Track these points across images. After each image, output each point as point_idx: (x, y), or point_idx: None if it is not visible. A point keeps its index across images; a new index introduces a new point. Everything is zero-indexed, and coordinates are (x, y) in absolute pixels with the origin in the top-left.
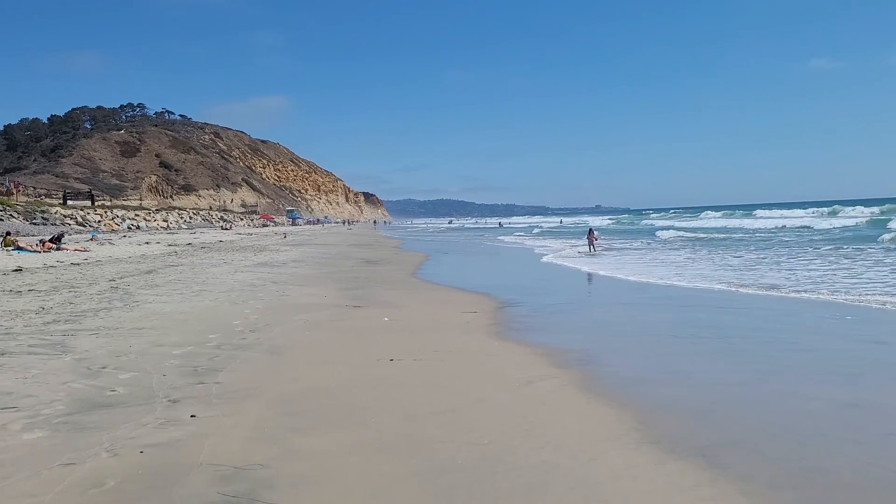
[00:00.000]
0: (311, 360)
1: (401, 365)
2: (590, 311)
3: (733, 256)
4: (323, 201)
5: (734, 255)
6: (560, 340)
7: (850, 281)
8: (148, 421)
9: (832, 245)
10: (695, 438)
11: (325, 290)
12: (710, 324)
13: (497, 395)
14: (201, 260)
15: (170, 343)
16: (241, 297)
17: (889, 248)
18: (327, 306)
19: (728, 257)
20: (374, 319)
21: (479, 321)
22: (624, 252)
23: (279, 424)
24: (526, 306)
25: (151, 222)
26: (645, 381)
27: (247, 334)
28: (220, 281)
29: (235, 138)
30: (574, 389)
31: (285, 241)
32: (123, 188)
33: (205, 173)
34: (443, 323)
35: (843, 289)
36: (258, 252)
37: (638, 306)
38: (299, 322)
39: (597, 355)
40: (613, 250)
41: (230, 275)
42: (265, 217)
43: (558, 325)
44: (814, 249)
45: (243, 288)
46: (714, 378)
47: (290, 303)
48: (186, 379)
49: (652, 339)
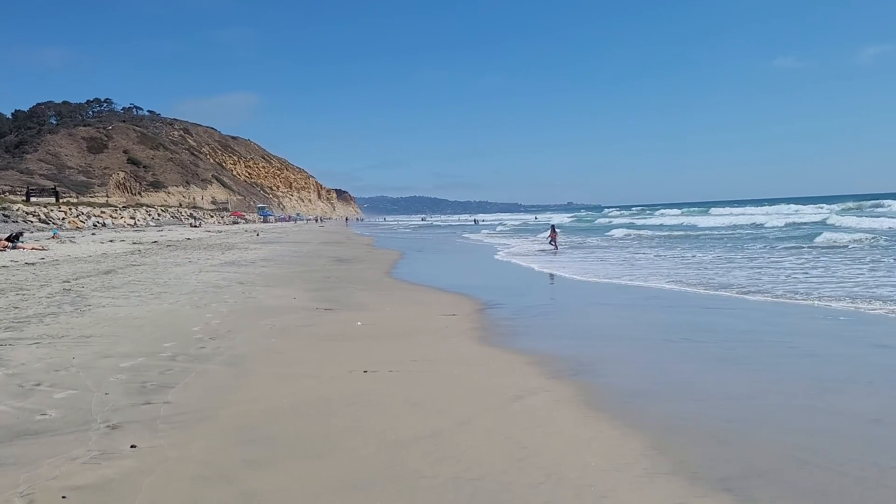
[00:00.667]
0: (275, 373)
1: (376, 378)
2: (574, 312)
3: (680, 255)
4: (295, 198)
5: (681, 254)
6: (547, 346)
7: (807, 282)
8: (78, 454)
9: (768, 244)
10: (715, 467)
11: (295, 292)
12: (699, 326)
13: (485, 414)
14: (165, 259)
15: (119, 354)
16: (203, 299)
17: (822, 249)
18: (296, 309)
19: (677, 256)
20: (346, 324)
21: (459, 325)
22: (585, 250)
23: (235, 457)
24: (507, 308)
25: (118, 220)
26: (646, 395)
27: (206, 342)
28: (183, 282)
29: (205, 134)
30: (570, 406)
31: (255, 239)
32: (90, 185)
33: (174, 170)
34: (420, 327)
35: (804, 290)
36: (226, 250)
37: (621, 308)
38: (265, 328)
39: (589, 364)
40: (577, 248)
41: (194, 275)
42: (236, 214)
43: (543, 328)
44: (748, 247)
45: (207, 289)
46: (721, 390)
47: (256, 305)
48: (131, 398)
49: (644, 343)
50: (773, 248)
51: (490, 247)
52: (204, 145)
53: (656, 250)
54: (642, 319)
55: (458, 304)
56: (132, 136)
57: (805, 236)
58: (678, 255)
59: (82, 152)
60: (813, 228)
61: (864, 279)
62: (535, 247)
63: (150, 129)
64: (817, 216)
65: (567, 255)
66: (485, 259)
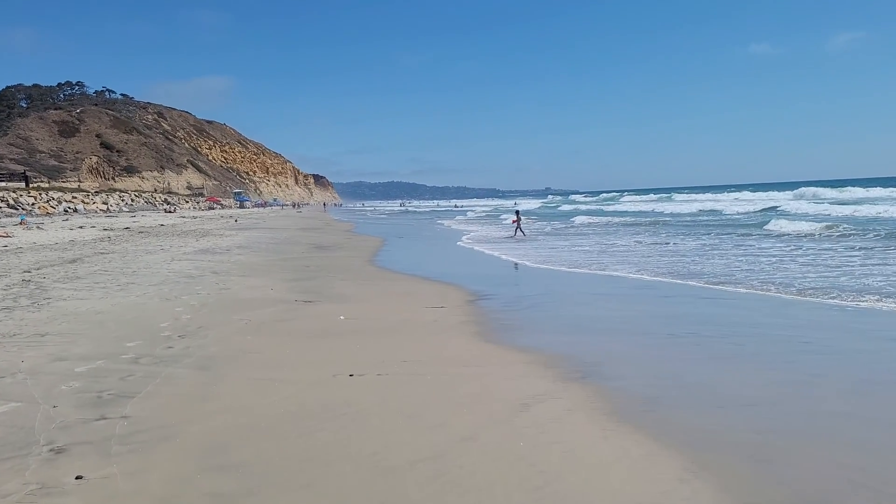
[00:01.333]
0: (250, 378)
1: (363, 383)
2: (565, 304)
3: (645, 242)
4: (272, 183)
5: (646, 240)
6: (547, 342)
7: (785, 270)
8: (12, 489)
9: (722, 230)
10: (764, 495)
11: (272, 282)
12: (700, 319)
13: (491, 428)
14: (136, 246)
15: (75, 356)
16: (174, 291)
17: (777, 236)
18: (273, 302)
19: (641, 244)
20: (327, 318)
21: (449, 318)
22: (556, 237)
23: (201, 489)
24: (496, 299)
25: (90, 205)
26: (664, 402)
27: (174, 341)
28: (153, 271)
29: (180, 118)
30: (585, 416)
31: (231, 225)
32: (62, 169)
33: (148, 154)
34: (408, 321)
35: (783, 280)
36: (200, 237)
37: (610, 298)
38: (239, 323)
39: (596, 363)
40: (550, 235)
41: (166, 264)
42: (211, 200)
43: (538, 322)
44: (705, 234)
45: (178, 279)
46: (743, 394)
47: (230, 298)
48: (84, 412)
49: (649, 339)
50: (727, 235)
51: (465, 233)
52: (179, 129)
53: (620, 238)
54: (637, 311)
55: (445, 294)
56: (105, 120)
57: (757, 224)
58: (642, 243)
59: (54, 136)
60: (764, 216)
61: (850, 268)
62: (508, 234)
63: (123, 112)
64: (783, 202)
65: (537, 243)
66: (464, 247)
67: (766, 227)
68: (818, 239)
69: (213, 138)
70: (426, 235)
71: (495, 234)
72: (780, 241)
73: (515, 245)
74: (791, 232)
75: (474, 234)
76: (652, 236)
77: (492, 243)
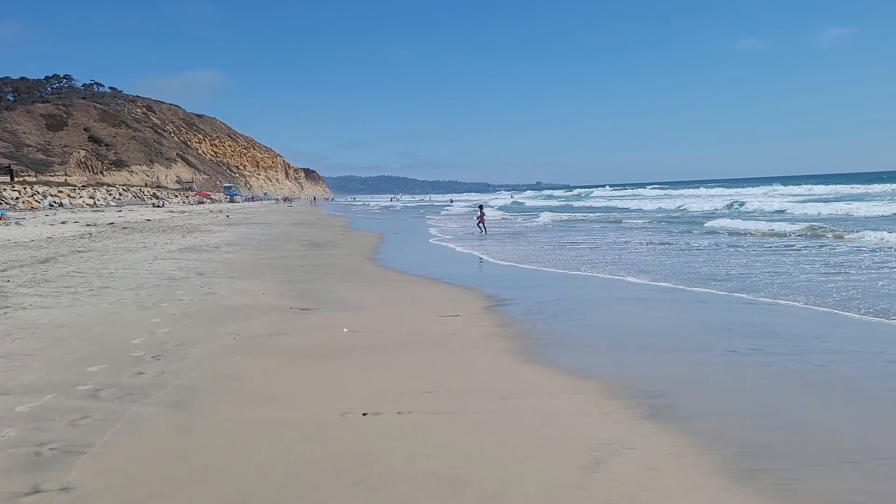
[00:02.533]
0: (237, 420)
1: (380, 425)
2: (592, 311)
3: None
4: (262, 178)
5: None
6: (593, 363)
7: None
8: None
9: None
10: None
11: (264, 284)
12: (748, 332)
13: (564, 500)
14: (117, 244)
15: (21, 387)
16: (153, 296)
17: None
18: (265, 310)
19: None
20: (328, 331)
21: (470, 330)
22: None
23: None
24: (516, 305)
25: (77, 199)
26: (771, 454)
27: (147, 364)
28: (132, 272)
29: (169, 112)
30: (677, 477)
31: (221, 220)
32: (50, 163)
33: (137, 148)
34: (422, 335)
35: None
36: (187, 233)
37: (635, 303)
38: (225, 339)
39: (662, 392)
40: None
41: (147, 264)
42: (201, 194)
43: (574, 334)
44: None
45: (160, 282)
46: (863, 441)
47: (216, 305)
48: (11, 480)
49: (708, 357)
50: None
51: (464, 230)
52: (168, 123)
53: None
54: (672, 320)
55: (457, 299)
56: (93, 114)
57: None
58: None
59: (41, 130)
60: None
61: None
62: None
63: (111, 106)
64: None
65: (516, 242)
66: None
67: (707, 224)
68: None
69: (202, 132)
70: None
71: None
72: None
73: (499, 246)
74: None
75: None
76: (620, 234)
77: (472, 242)
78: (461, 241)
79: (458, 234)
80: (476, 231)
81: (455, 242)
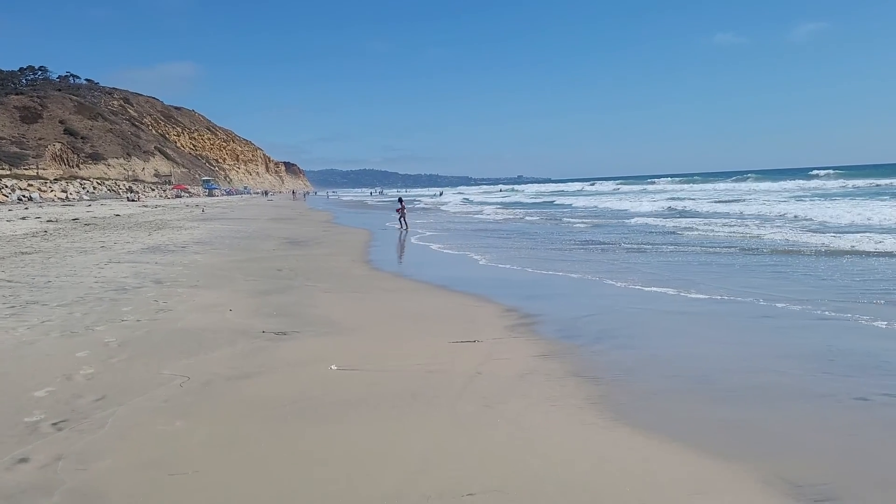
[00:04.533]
0: None
1: None
2: (645, 331)
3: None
4: (242, 171)
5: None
6: (707, 426)
7: None
8: None
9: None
10: None
11: (233, 296)
12: (853, 364)
13: None
14: (72, 243)
15: None
16: (89, 315)
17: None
18: (231, 335)
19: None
20: (311, 368)
21: (501, 365)
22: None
23: None
24: (547, 322)
25: (47, 193)
26: None
27: (39, 441)
28: (76, 281)
29: (147, 104)
30: None
31: (196, 215)
32: (24, 156)
33: (114, 141)
34: (438, 372)
35: None
36: (155, 230)
37: (690, 319)
38: (170, 385)
39: (826, 481)
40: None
41: (97, 269)
42: (179, 187)
43: (644, 370)
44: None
45: (105, 294)
46: None
47: (167, 328)
48: None
49: (840, 411)
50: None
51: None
52: (146, 116)
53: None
54: (751, 345)
55: (471, 313)
56: (69, 106)
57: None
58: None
59: (15, 122)
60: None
61: None
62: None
63: (87, 98)
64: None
65: (494, 239)
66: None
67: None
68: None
69: (181, 125)
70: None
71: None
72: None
73: (479, 241)
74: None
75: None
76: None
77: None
78: (451, 239)
79: (450, 230)
80: (396, 226)
81: (443, 242)
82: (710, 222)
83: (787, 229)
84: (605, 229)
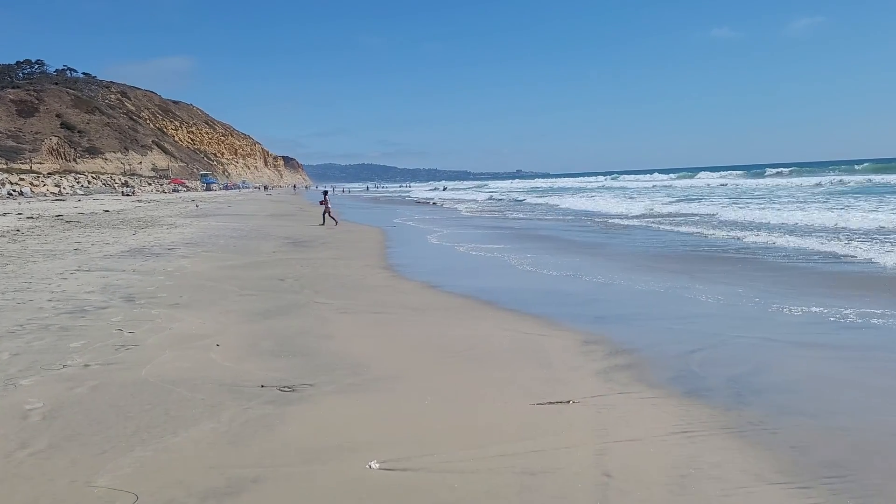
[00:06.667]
0: None
1: None
2: (795, 378)
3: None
4: (240, 165)
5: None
6: None
7: None
8: None
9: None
10: None
11: (222, 319)
12: None
13: None
14: (43, 244)
15: None
16: (21, 356)
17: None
18: (214, 392)
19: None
20: (337, 465)
21: (630, 454)
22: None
23: None
24: (657, 363)
25: (39, 187)
26: None
27: None
28: (24, 298)
29: (144, 98)
30: None
31: (189, 211)
32: (21, 150)
33: (111, 135)
34: (541, 474)
35: None
36: (142, 228)
37: (825, 354)
38: None
39: None
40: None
41: (59, 280)
42: (176, 182)
43: (861, 465)
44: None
45: (54, 319)
46: None
47: (124, 380)
48: None
49: None
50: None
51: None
52: (143, 110)
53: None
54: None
55: (541, 344)
56: (66, 100)
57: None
58: None
59: (11, 116)
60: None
61: None
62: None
63: (84, 92)
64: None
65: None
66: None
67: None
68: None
69: (179, 119)
70: (451, 223)
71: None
72: None
73: (485, 245)
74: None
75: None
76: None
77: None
78: (478, 241)
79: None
80: (325, 222)
81: (469, 243)
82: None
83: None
84: (647, 232)
